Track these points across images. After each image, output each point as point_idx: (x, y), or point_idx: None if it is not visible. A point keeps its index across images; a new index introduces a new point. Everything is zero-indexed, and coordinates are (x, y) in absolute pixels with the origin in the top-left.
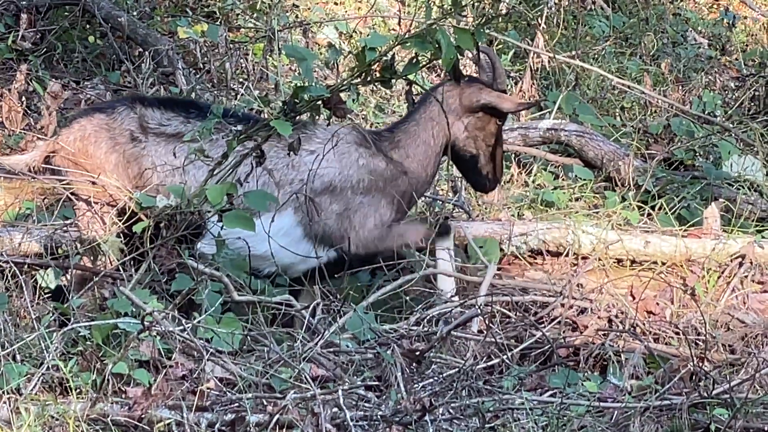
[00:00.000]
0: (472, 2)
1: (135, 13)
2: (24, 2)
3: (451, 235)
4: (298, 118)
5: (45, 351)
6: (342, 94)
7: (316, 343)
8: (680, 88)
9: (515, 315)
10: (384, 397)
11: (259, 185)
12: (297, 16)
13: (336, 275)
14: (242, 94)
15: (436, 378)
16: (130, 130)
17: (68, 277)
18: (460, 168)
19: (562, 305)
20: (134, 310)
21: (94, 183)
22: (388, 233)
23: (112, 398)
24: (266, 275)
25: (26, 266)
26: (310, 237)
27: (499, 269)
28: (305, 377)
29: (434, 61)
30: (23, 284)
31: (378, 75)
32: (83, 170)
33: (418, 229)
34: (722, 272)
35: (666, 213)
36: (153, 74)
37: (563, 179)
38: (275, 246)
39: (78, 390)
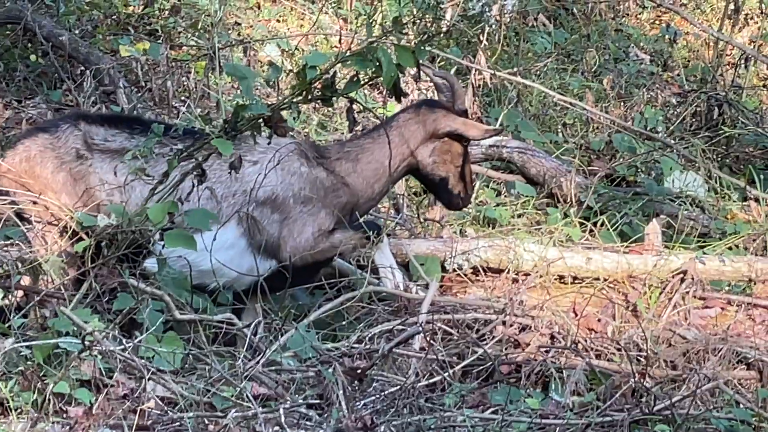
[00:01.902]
0: (412, 20)
1: (77, 32)
2: None
3: (385, 241)
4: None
5: None
6: (283, 113)
7: (258, 362)
8: (622, 104)
9: (457, 332)
10: (326, 415)
11: (202, 198)
12: (239, 34)
13: (279, 290)
14: (184, 113)
15: (377, 396)
16: (75, 148)
17: (10, 297)
18: (431, 190)
19: (504, 322)
20: (75, 329)
21: (35, 202)
22: (324, 241)
23: (53, 418)
24: (213, 290)
25: None
26: (253, 248)
27: (441, 286)
28: (247, 396)
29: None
30: None
31: (319, 93)
32: (31, 191)
33: (353, 236)
34: (664, 288)
35: (608, 229)
36: (95, 93)
37: (505, 196)
38: (220, 259)
39: (18, 410)
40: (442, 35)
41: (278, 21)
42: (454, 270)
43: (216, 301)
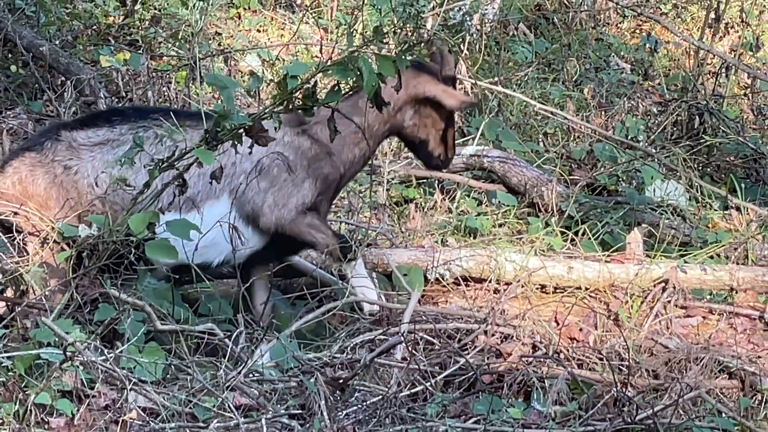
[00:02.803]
0: (393, 30)
1: (57, 42)
2: None
3: (358, 260)
4: None
5: None
6: (264, 122)
7: (240, 372)
8: (603, 113)
9: (439, 342)
10: (308, 425)
11: (202, 172)
12: (220, 44)
13: (262, 263)
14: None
15: (359, 406)
16: (61, 159)
17: None
18: (411, 150)
19: (486, 332)
20: (57, 340)
21: (16, 213)
22: (305, 220)
23: (35, 429)
24: (216, 266)
25: None
26: (243, 219)
27: (422, 296)
28: (228, 406)
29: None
30: None
31: (300, 103)
32: (29, 210)
33: (328, 235)
34: (645, 297)
35: (589, 238)
36: (75, 103)
37: (486, 205)
38: (215, 234)
39: (0, 421)
40: (422, 44)
41: (259, 31)
42: (436, 280)
43: (197, 311)
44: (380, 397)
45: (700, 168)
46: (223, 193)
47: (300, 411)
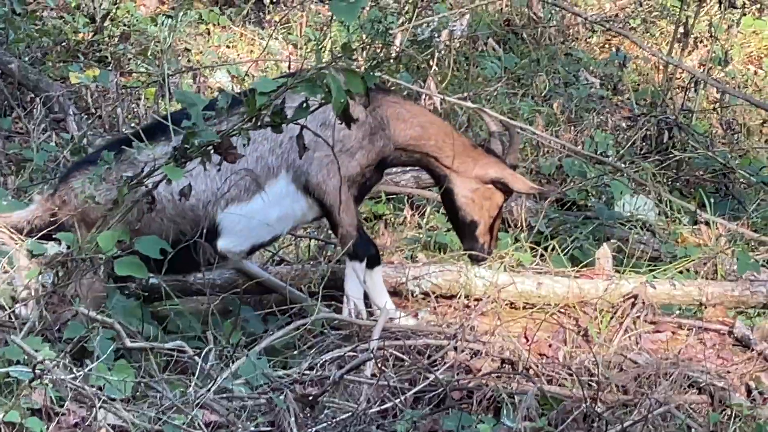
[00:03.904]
0: (362, 46)
1: (26, 59)
2: None
3: (362, 263)
4: None
5: None
6: (233, 139)
7: (209, 389)
8: (572, 128)
9: (408, 358)
10: None
11: (259, 155)
12: (189, 60)
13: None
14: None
15: (329, 423)
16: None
17: None
18: (457, 229)
19: (456, 348)
20: (26, 358)
21: None
22: (344, 193)
23: None
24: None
25: None
26: (302, 190)
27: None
28: (198, 424)
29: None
30: None
31: (268, 119)
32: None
33: (353, 225)
34: (615, 313)
35: (559, 254)
36: (45, 120)
37: None
38: (278, 212)
39: None
40: (391, 60)
41: (228, 47)
42: (406, 296)
43: (166, 328)
44: (350, 413)
45: (670, 183)
46: (281, 170)
47: (270, 428)
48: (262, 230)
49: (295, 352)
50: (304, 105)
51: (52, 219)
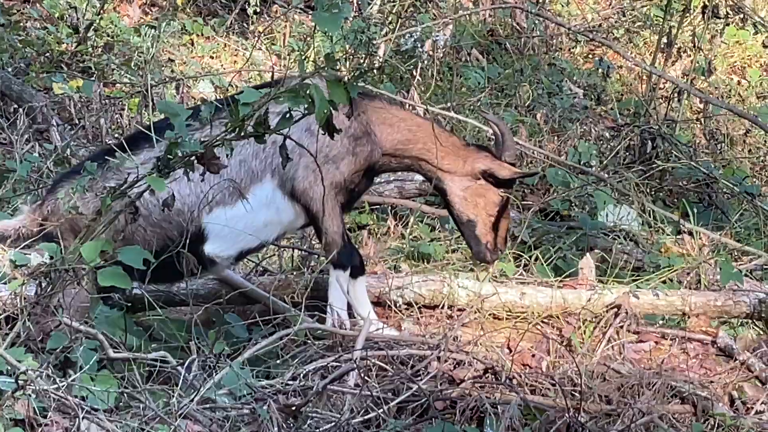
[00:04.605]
0: (345, 56)
1: (10, 70)
2: None
3: (346, 272)
4: None
5: None
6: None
7: (192, 400)
8: (556, 138)
9: (392, 368)
10: None
11: (242, 158)
12: (173, 71)
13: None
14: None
15: None
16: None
17: None
18: (460, 232)
19: (439, 358)
20: (9, 368)
21: None
22: (329, 201)
23: None
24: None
25: None
26: (289, 196)
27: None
28: None
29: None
30: None
31: (251, 130)
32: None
33: (339, 233)
34: (598, 323)
35: (542, 264)
36: (28, 131)
37: (440, 231)
38: (265, 217)
39: None
40: (375, 71)
41: (212, 57)
42: (389, 306)
43: (151, 336)
44: (333, 423)
45: (653, 193)
46: (265, 174)
47: None
48: (250, 235)
49: (279, 362)
50: (288, 116)
51: (39, 229)
